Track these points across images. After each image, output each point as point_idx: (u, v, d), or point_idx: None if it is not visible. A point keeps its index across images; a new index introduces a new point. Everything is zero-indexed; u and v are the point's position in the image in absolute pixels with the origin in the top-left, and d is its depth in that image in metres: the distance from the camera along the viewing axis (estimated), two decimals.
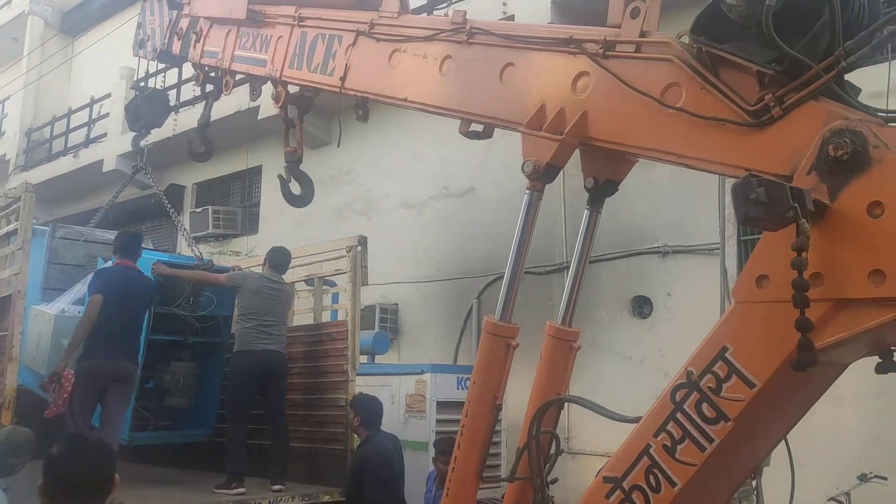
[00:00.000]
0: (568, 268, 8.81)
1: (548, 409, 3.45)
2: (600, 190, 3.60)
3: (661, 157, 3.04)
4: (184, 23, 6.12)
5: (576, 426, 8.11)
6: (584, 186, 3.63)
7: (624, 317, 8.23)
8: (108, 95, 14.88)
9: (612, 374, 7.90)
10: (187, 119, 12.37)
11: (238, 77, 5.98)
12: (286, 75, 5.10)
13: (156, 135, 11.51)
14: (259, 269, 6.44)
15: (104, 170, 14.34)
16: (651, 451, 2.79)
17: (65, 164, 15.47)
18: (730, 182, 6.24)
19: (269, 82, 5.46)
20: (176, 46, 6.21)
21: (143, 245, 5.85)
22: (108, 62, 15.24)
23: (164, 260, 6.31)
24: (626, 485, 2.85)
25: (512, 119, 3.56)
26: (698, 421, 2.66)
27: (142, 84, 7.22)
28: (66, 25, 17.49)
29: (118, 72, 14.25)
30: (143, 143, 7.16)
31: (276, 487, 5.67)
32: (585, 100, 3.27)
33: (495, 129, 3.92)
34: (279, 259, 6.29)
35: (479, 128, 3.96)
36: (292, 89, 5.46)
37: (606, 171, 3.54)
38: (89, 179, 15.00)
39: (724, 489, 2.91)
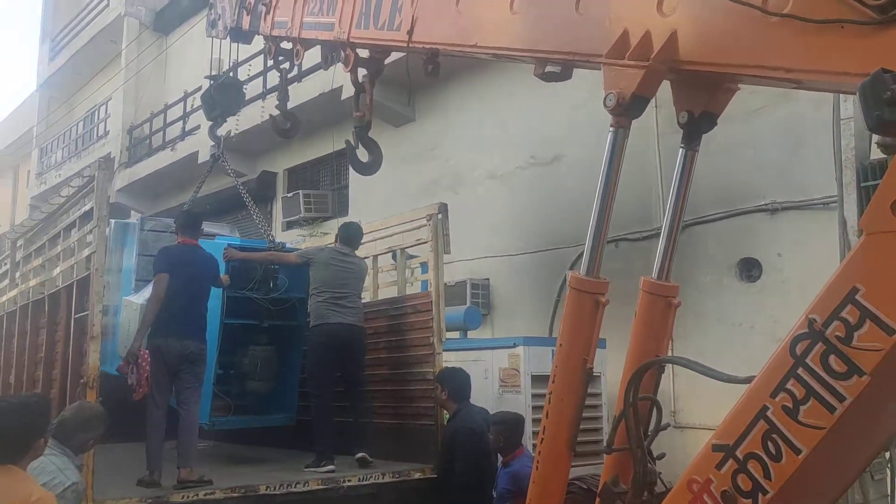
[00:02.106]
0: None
1: (645, 373, 3.09)
2: (696, 124, 3.19)
3: (767, 74, 2.62)
4: None
5: (683, 397, 7.63)
6: (678, 122, 3.23)
7: (730, 281, 7.66)
8: (199, 88, 15.17)
9: (719, 343, 7.37)
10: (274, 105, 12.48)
11: (310, 48, 5.81)
12: (354, 37, 4.88)
13: (245, 122, 11.65)
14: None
15: (199, 161, 14.65)
16: (769, 413, 2.40)
17: (164, 158, 15.94)
18: (845, 123, 5.57)
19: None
20: (245, 21, 6.12)
21: (203, 222, 5.84)
22: (198, 56, 15.57)
23: (235, 244, 6.24)
24: (739, 453, 2.48)
25: (591, 52, 3.19)
26: (825, 376, 2.26)
27: (215, 73, 7.20)
28: (159, 24, 18.00)
29: (208, 64, 14.50)
30: (219, 132, 7.12)
31: (360, 455, 5.51)
32: (674, 19, 2.86)
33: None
34: (350, 233, 6.17)
35: (557, 69, 3.61)
36: (363, 54, 5.24)
37: (702, 101, 3.12)
38: (187, 171, 15.38)
39: (857, 459, 2.49)
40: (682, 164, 3.32)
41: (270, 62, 6.40)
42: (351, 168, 5.86)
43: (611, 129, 3.07)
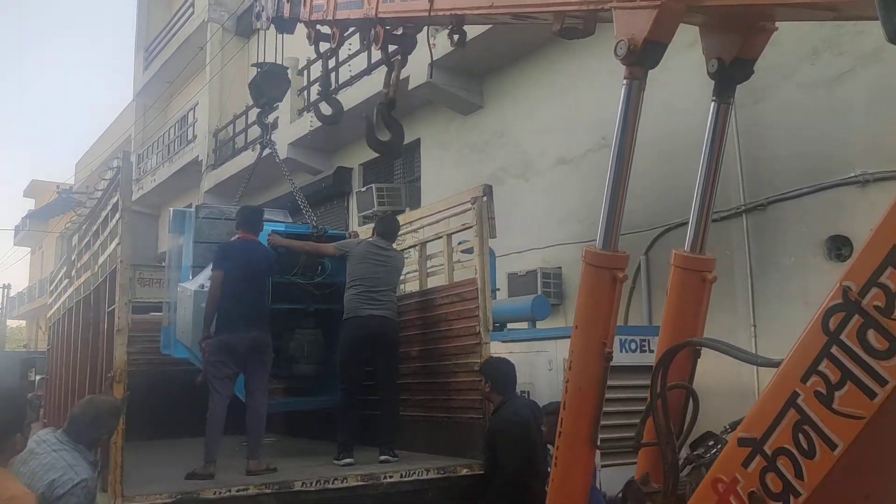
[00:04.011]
0: (747, 211, 7.75)
1: (673, 357, 2.72)
2: (729, 73, 2.80)
3: (795, 0, 2.22)
4: None
5: None
6: (707, 71, 2.85)
7: (818, 261, 7.00)
8: None
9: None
10: (346, 100, 12.47)
11: (347, 29, 5.65)
12: (381, 11, 4.69)
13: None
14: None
15: (279, 159, 14.84)
16: (800, 401, 2.04)
17: (245, 159, 16.19)
18: None
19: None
20: (286, 9, 6.05)
21: (263, 218, 5.86)
22: (277, 56, 15.79)
23: (279, 230, 6.24)
24: (768, 448, 2.12)
25: None
26: (863, 355, 1.89)
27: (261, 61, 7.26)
28: (241, 28, 18.39)
29: (284, 62, 14.66)
30: (265, 119, 7.18)
31: (384, 458, 5.34)
32: None
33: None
34: (387, 227, 6.08)
35: (578, 24, 3.27)
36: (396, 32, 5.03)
37: (733, 46, 2.74)
38: (267, 170, 15.61)
39: None
40: (715, 120, 2.93)
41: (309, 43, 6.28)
42: (366, 141, 5.73)
43: (624, 81, 2.72)
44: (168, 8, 23.19)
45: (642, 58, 2.61)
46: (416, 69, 9.01)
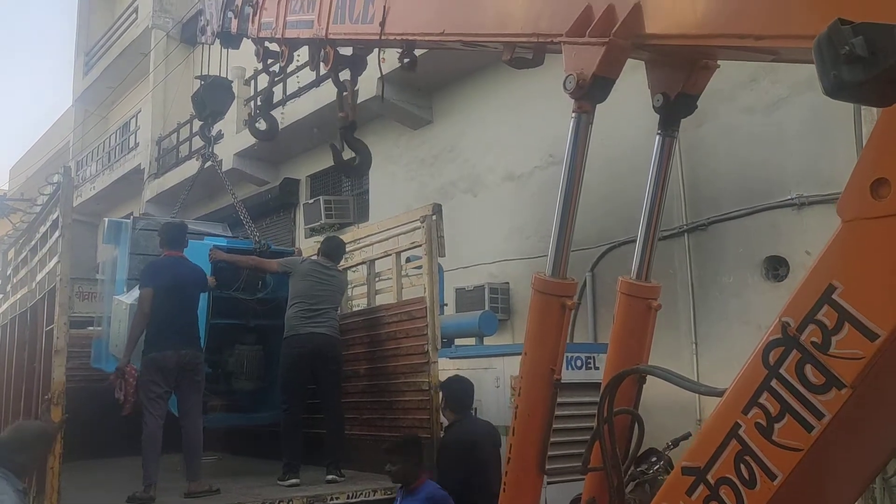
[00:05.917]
0: (689, 230, 7.95)
1: (619, 383, 2.78)
2: (673, 108, 2.88)
3: (736, 43, 2.31)
4: None
5: None
6: (653, 105, 2.92)
7: (756, 281, 7.22)
8: None
9: (745, 348, 6.82)
10: (294, 111, 12.37)
11: (296, 48, 5.62)
12: (331, 32, 4.69)
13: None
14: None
15: (223, 169, 14.59)
16: (741, 432, 2.10)
17: (190, 168, 15.92)
18: (866, 107, 5.13)
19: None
20: (233, 25, 5.99)
21: (186, 234, 5.80)
22: (222, 65, 15.56)
23: (221, 245, 6.20)
24: (710, 477, 2.18)
25: (555, 31, 2.90)
26: (801, 389, 1.96)
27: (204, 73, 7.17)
28: (186, 35, 18.08)
29: (230, 72, 14.47)
30: (208, 132, 7.10)
31: (330, 478, 5.35)
32: None
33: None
34: (331, 247, 6.09)
35: (528, 55, 3.32)
36: (346, 52, 5.03)
37: (678, 82, 2.83)
38: (211, 180, 15.36)
39: (848, 483, 2.15)
40: (660, 153, 3.01)
41: (257, 60, 6.23)
42: (335, 165, 5.72)
43: (573, 114, 2.78)
44: (110, 11, 22.64)
45: (591, 93, 2.67)
46: (365, 83, 9.03)
